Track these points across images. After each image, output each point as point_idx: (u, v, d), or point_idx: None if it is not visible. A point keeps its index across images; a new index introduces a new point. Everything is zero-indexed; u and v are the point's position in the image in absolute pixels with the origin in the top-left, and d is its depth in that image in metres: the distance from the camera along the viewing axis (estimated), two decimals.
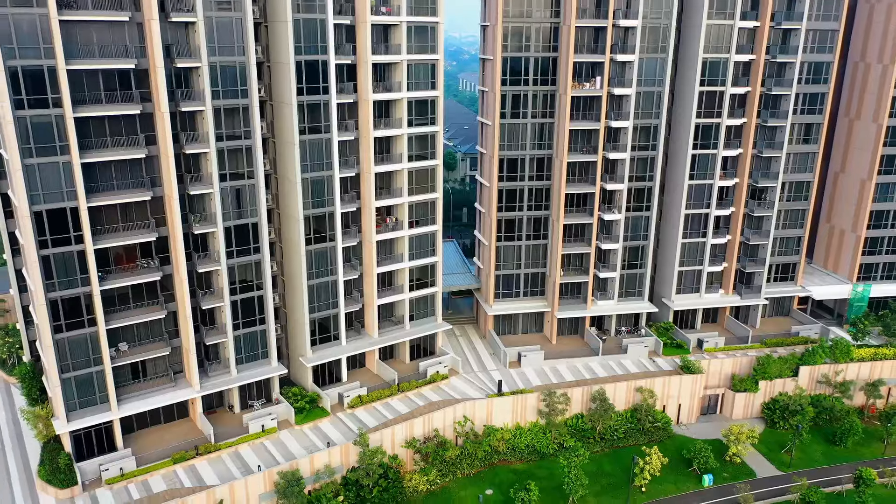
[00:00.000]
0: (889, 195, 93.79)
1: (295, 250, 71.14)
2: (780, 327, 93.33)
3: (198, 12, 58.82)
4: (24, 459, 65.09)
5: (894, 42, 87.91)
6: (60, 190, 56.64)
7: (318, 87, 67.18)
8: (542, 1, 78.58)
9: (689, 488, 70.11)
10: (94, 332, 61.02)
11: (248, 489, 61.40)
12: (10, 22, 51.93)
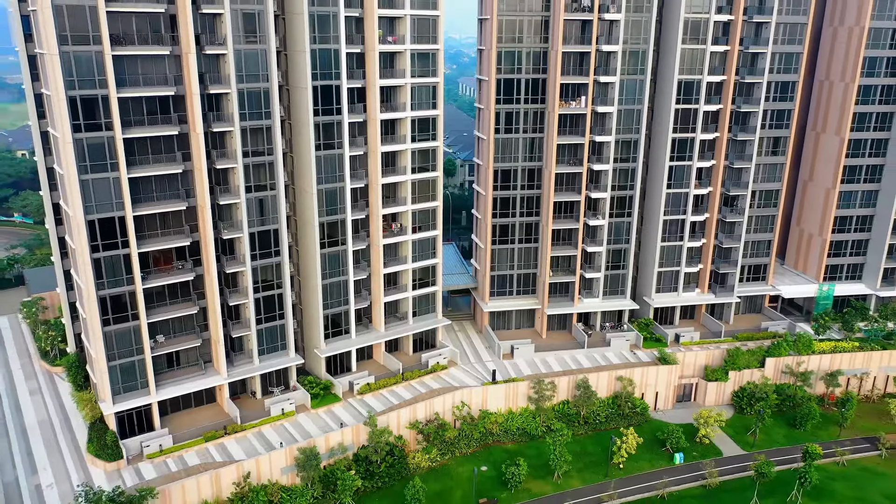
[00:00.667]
0: (851, 202, 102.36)
1: (310, 253, 79.68)
2: (752, 323, 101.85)
3: (228, 45, 67.36)
4: (73, 438, 73.60)
5: (854, 63, 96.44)
6: (110, 201, 65.16)
7: (332, 109, 75.75)
8: (532, 28, 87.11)
9: (661, 465, 78.58)
10: (137, 325, 69.59)
11: (272, 464, 69.86)
12: (71, 58, 60.45)
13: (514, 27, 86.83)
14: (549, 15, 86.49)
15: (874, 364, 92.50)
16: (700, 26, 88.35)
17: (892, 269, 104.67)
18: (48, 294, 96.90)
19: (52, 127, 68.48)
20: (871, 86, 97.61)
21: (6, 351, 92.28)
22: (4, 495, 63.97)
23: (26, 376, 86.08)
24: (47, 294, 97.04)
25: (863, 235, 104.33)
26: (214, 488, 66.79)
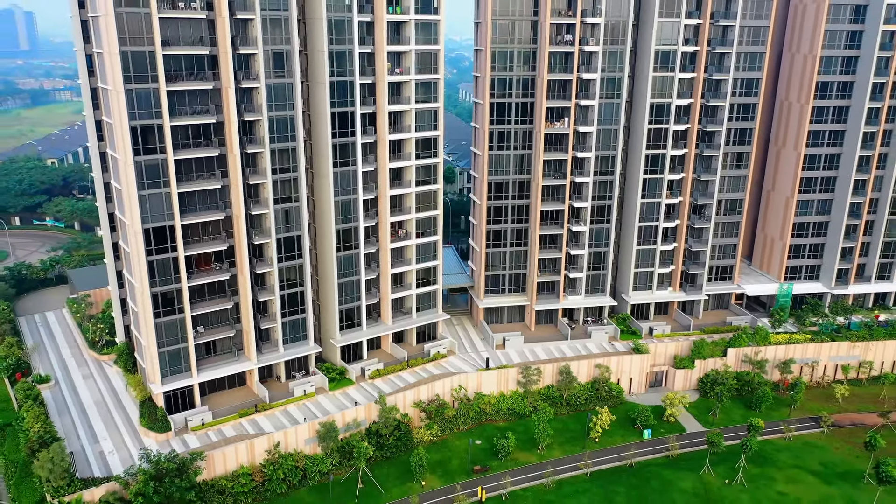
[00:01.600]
0: (808, 210, 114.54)
1: (328, 256, 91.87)
2: (719, 318, 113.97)
3: (261, 80, 79.50)
4: (125, 414, 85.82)
5: (808, 86, 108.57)
6: (162, 212, 77.30)
7: (348, 131, 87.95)
8: (521, 58, 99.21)
9: (632, 440, 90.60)
10: (182, 317, 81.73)
11: (297, 436, 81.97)
12: (133, 94, 72.60)
13: (506, 57, 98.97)
14: (535, 47, 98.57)
15: (824, 354, 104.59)
16: (669, 56, 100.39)
17: (845, 270, 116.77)
18: (92, 292, 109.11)
19: (112, 150, 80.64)
20: (824, 107, 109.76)
21: (57, 342, 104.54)
22: (75, 460, 75.99)
23: (78, 364, 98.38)
24: (92, 292, 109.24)
25: (819, 240, 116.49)
26: (249, 455, 78.96)
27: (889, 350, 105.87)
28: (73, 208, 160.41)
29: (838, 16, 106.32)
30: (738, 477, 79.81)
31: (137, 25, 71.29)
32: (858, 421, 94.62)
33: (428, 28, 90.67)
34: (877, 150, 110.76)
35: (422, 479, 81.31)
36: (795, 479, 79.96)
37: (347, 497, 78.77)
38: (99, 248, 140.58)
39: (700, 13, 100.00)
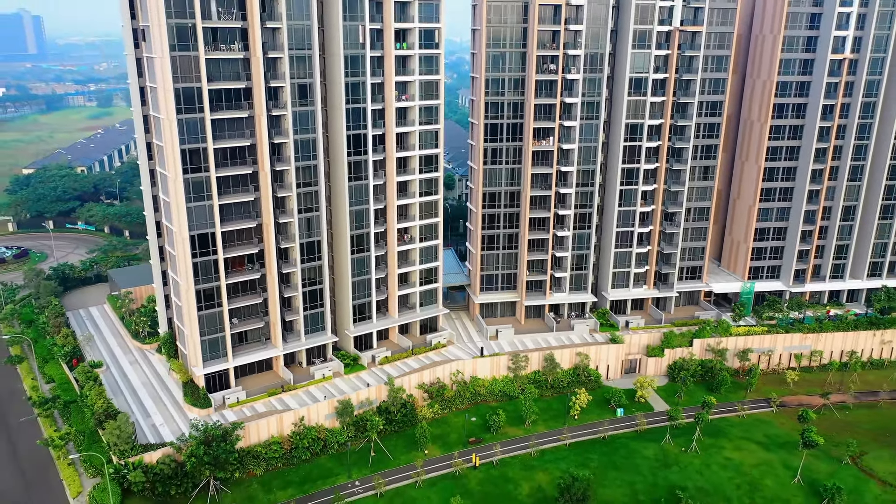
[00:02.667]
0: (769, 217, 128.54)
1: (343, 258, 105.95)
2: (689, 313, 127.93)
3: (288, 108, 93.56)
4: (170, 394, 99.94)
5: (767, 107, 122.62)
6: (205, 221, 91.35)
7: (361, 150, 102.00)
8: (511, 84, 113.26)
9: (606, 417, 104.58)
10: (220, 311, 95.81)
11: (318, 412, 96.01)
12: (183, 122, 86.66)
13: (498, 84, 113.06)
14: (524, 75, 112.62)
15: (779, 344, 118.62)
16: (642, 82, 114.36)
17: (802, 271, 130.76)
18: (134, 289, 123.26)
19: (161, 168, 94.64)
20: (781, 125, 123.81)
21: (103, 334, 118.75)
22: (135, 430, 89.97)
23: (123, 352, 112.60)
24: (133, 289, 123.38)
25: (779, 243, 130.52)
26: (278, 427, 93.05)
27: (837, 341, 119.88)
28: (104, 213, 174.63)
29: (792, 46, 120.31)
30: (693, 446, 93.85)
31: (187, 65, 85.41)
32: (805, 402, 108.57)
33: (430, 60, 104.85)
34: (828, 164, 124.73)
35: (425, 448, 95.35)
36: (741, 447, 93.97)
37: (362, 463, 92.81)
38: (131, 249, 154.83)
39: (668, 45, 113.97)
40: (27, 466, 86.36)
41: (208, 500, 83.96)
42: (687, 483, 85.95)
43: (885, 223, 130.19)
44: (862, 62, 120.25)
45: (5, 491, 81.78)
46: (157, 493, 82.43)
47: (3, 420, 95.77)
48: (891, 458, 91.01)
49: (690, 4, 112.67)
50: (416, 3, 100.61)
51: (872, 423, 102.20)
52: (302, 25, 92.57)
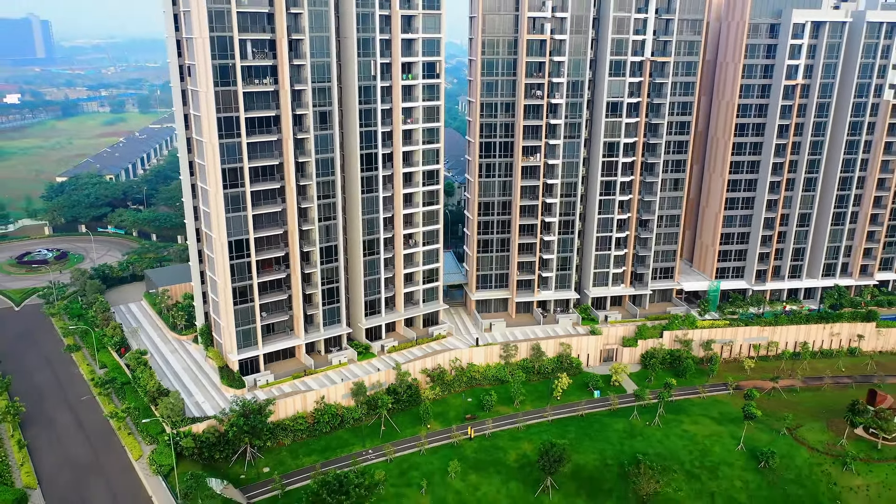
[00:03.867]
0: (733, 223, 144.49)
1: (356, 260, 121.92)
2: (662, 308, 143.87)
3: (310, 132, 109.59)
4: (208, 377, 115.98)
5: (730, 126, 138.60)
6: (241, 229, 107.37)
7: (372, 167, 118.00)
8: (502, 107, 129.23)
9: (585, 398, 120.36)
10: (252, 305, 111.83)
11: (336, 392, 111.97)
12: (224, 146, 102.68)
13: (492, 107, 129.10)
14: (514, 99, 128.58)
15: (739, 336, 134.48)
16: (618, 106, 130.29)
17: (763, 271, 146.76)
18: (170, 287, 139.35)
19: (202, 183, 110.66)
20: (743, 142, 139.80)
21: (144, 326, 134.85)
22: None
23: (163, 342, 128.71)
24: (169, 287, 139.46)
25: (742, 246, 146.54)
26: (303, 405, 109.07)
27: (791, 333, 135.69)
28: (133, 218, 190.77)
29: (752, 73, 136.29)
30: (656, 421, 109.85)
31: (228, 97, 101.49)
32: (758, 385, 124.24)
33: (432, 88, 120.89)
34: (784, 176, 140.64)
35: (428, 423, 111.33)
36: (698, 422, 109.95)
37: (374, 435, 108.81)
38: (162, 251, 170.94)
39: (641, 73, 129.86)
40: (93, 436, 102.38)
41: (245, 464, 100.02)
42: (648, 450, 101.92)
43: (837, 229, 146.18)
44: (813, 87, 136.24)
45: (78, 455, 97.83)
46: (203, 457, 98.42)
47: (66, 399, 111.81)
48: (821, 429, 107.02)
49: (660, 38, 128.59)
50: (420, 40, 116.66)
51: (814, 402, 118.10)
52: (323, 62, 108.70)
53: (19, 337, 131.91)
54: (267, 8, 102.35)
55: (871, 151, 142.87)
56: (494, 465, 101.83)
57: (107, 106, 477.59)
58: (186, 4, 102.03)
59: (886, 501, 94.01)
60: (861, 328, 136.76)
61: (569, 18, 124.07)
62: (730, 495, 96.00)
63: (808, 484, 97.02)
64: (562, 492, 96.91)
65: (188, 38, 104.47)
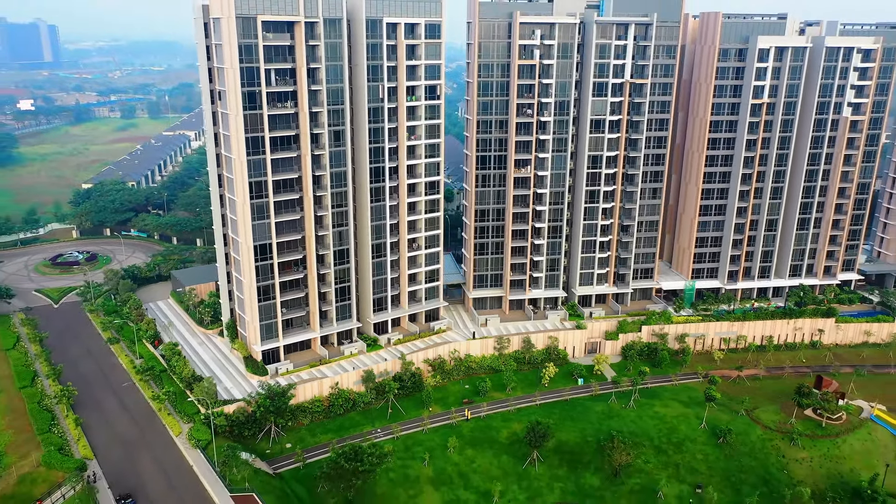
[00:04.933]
0: (707, 228, 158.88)
1: (366, 262, 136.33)
2: (642, 305, 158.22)
3: (326, 149, 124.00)
4: (234, 366, 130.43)
5: (703, 140, 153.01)
6: (265, 235, 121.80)
7: (380, 179, 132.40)
8: (496, 124, 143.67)
9: (569, 385, 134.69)
10: (274, 302, 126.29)
11: (348, 379, 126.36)
12: (251, 162, 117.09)
13: (487, 125, 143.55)
14: (507, 117, 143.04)
15: (710, 330, 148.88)
16: (601, 123, 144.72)
17: (734, 271, 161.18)
18: (196, 286, 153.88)
19: (230, 194, 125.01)
20: (715, 155, 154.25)
21: (174, 321, 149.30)
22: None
23: (191, 335, 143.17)
24: (195, 286, 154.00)
25: (715, 249, 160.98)
26: (319, 390, 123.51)
27: (757, 328, 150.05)
28: (156, 222, 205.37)
29: (722, 93, 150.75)
30: (631, 403, 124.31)
31: (254, 120, 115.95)
32: (725, 374, 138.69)
33: (433, 108, 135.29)
34: (753, 186, 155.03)
35: (430, 406, 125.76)
36: (668, 405, 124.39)
37: (382, 417, 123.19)
38: (183, 253, 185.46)
39: (621, 94, 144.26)
40: (137, 416, 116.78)
41: (270, 441, 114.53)
42: (623, 428, 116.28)
43: (802, 233, 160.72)
44: (778, 105, 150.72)
45: (125, 432, 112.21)
46: (234, 434, 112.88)
47: (110, 385, 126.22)
48: (775, 411, 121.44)
49: (638, 63, 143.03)
50: (423, 66, 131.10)
51: (773, 389, 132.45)
52: (337, 87, 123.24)
53: (62, 331, 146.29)
54: (289, 41, 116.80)
55: (832, 163, 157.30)
56: (488, 442, 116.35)
57: (117, 111, 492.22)
58: (218, 38, 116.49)
59: (826, 470, 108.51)
60: (822, 323, 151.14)
61: (556, 45, 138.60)
62: (692, 466, 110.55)
63: (760, 456, 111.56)
64: (546, 464, 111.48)
65: (219, 68, 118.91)
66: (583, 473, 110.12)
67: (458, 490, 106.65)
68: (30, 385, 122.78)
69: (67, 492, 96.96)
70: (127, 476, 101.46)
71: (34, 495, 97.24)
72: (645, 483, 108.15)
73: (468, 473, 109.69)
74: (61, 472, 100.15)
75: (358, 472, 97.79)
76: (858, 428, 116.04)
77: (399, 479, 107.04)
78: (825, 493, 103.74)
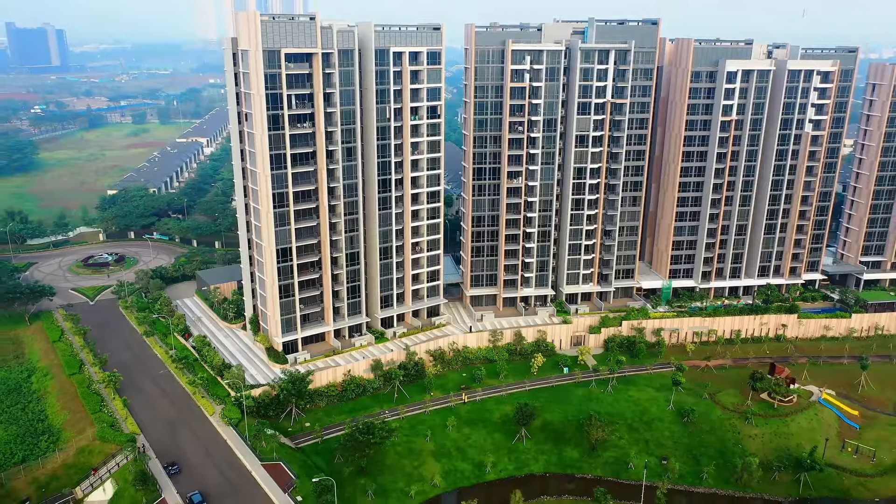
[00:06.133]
0: (682, 232, 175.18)
1: (374, 263, 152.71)
2: (623, 303, 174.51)
3: (339, 163, 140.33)
4: (257, 355, 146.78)
5: (678, 152, 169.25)
6: (285, 239, 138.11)
7: (387, 189, 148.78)
8: (491, 140, 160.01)
9: (556, 373, 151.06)
10: (293, 299, 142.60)
11: (359, 367, 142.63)
12: (274, 176, 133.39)
13: (483, 140, 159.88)
14: (500, 133, 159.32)
15: (684, 325, 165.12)
16: (585, 138, 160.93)
17: (707, 272, 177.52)
18: (220, 285, 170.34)
19: (255, 203, 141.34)
20: (689, 167, 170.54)
21: (200, 317, 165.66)
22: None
23: (216, 329, 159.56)
24: (220, 285, 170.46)
25: (690, 252, 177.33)
26: (333, 377, 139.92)
27: (727, 323, 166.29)
28: (177, 226, 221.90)
29: (695, 110, 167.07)
30: (609, 388, 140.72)
31: (278, 139, 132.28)
32: (695, 364, 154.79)
33: (434, 126, 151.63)
34: (724, 194, 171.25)
35: (431, 392, 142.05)
36: (642, 390, 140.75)
37: (389, 401, 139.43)
38: (205, 255, 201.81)
39: (603, 112, 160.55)
40: (174, 399, 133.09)
41: (292, 420, 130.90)
42: (600, 409, 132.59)
43: (770, 237, 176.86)
44: (745, 122, 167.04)
45: (166, 412, 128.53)
46: (260, 414, 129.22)
47: (148, 372, 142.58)
48: (735, 395, 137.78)
49: (618, 84, 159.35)
50: (425, 89, 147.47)
51: (737, 376, 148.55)
52: (349, 109, 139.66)
53: (100, 325, 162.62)
54: (307, 70, 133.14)
55: (796, 174, 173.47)
56: (482, 422, 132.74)
57: (129, 116, 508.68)
58: (245, 67, 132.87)
59: (775, 444, 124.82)
60: (785, 319, 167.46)
61: (544, 69, 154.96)
62: (659, 442, 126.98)
63: (718, 433, 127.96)
64: (533, 440, 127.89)
65: (246, 93, 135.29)
66: (564, 448, 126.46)
67: (456, 461, 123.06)
68: (78, 372, 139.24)
69: (121, 461, 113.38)
70: (170, 448, 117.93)
71: (91, 464, 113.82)
72: (618, 456, 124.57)
73: (465, 448, 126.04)
74: (114, 445, 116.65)
75: (370, 444, 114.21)
76: (806, 409, 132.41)
77: (405, 452, 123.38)
78: (772, 464, 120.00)
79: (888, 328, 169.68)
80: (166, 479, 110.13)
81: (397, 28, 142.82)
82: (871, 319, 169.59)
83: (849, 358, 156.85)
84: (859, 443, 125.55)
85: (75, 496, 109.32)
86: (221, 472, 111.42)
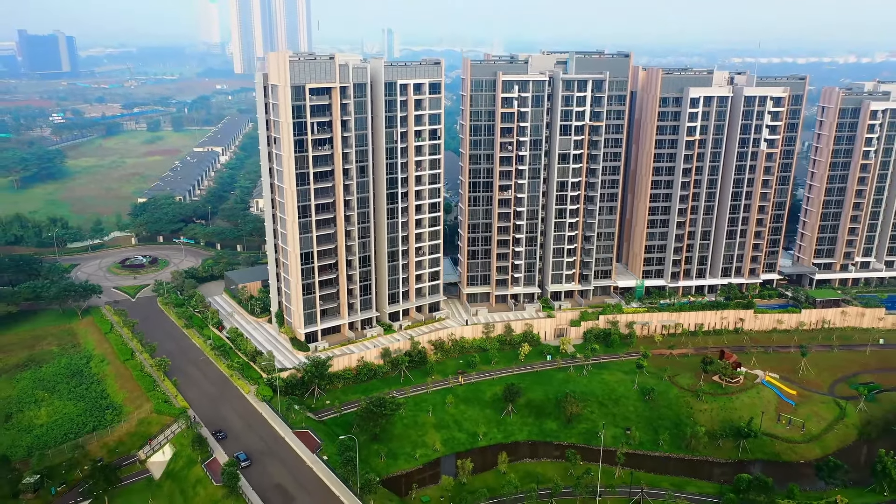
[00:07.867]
0: (653, 237, 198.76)
1: (383, 265, 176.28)
2: (602, 300, 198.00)
3: (353, 179, 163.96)
4: (282, 344, 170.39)
5: (649, 165, 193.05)
6: (308, 245, 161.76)
7: (394, 201, 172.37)
8: (484, 157, 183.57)
9: (540, 360, 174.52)
10: (314, 296, 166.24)
11: (371, 354, 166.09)
12: (299, 191, 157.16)
13: (477, 158, 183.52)
14: (492, 151, 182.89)
15: (654, 319, 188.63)
16: (567, 156, 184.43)
17: (676, 273, 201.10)
18: (247, 284, 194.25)
19: (282, 213, 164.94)
20: (658, 179, 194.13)
21: (231, 312, 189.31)
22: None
23: (245, 323, 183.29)
24: (246, 284, 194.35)
25: (661, 254, 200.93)
26: (348, 362, 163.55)
27: (691, 317, 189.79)
28: (203, 231, 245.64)
29: (663, 131, 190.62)
30: (584, 372, 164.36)
31: (302, 160, 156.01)
32: (661, 352, 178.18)
33: (434, 146, 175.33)
34: (690, 203, 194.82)
35: (432, 375, 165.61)
36: (612, 373, 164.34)
37: (396, 383, 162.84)
38: (231, 257, 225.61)
39: (583, 133, 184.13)
40: (214, 381, 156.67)
41: (315, 398, 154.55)
42: (576, 389, 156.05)
43: (731, 241, 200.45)
44: (707, 141, 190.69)
45: (209, 391, 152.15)
46: (288, 393, 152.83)
47: (190, 359, 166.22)
48: (690, 378, 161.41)
49: (595, 109, 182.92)
50: (427, 115, 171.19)
51: (695, 362, 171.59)
52: (362, 133, 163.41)
53: (143, 319, 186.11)
54: (327, 101, 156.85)
55: (753, 186, 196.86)
56: (476, 400, 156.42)
57: (143, 124, 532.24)
58: (275, 98, 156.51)
59: (721, 417, 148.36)
60: (743, 314, 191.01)
61: (530, 97, 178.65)
62: (624, 415, 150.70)
63: (674, 408, 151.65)
64: (518, 414, 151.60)
65: (275, 121, 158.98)
66: (545, 421, 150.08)
67: (453, 432, 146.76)
68: (130, 358, 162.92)
69: (176, 429, 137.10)
70: (215, 419, 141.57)
71: (150, 433, 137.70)
72: (590, 427, 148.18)
73: (461, 421, 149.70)
74: (169, 416, 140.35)
75: (382, 415, 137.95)
76: (750, 389, 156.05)
77: (410, 424, 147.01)
78: (717, 432, 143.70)
79: (833, 322, 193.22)
80: (215, 442, 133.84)
81: (403, 63, 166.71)
82: (818, 315, 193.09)
83: (795, 347, 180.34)
84: (793, 416, 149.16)
85: (139, 458, 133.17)
86: (261, 438, 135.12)
